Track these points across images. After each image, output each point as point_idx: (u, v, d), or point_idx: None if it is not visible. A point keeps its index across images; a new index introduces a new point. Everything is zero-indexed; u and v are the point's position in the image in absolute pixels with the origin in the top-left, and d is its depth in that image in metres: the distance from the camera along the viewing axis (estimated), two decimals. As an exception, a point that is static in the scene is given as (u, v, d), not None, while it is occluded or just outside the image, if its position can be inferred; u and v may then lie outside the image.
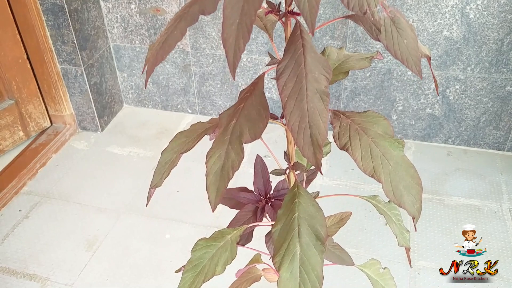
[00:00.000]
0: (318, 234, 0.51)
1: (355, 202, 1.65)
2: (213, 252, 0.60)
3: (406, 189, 0.46)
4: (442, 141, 1.91)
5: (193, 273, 0.61)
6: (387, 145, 0.47)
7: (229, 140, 0.46)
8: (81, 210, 1.66)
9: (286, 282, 0.50)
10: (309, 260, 0.50)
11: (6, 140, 1.89)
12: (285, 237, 0.51)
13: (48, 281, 1.42)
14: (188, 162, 1.86)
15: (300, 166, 0.58)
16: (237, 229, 0.63)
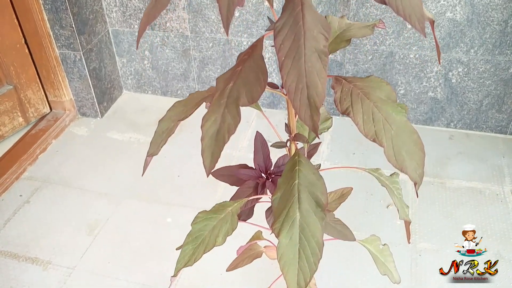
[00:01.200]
0: (318, 201, 0.50)
1: (356, 185, 1.64)
2: (213, 224, 0.60)
3: (408, 154, 0.46)
4: (444, 125, 1.90)
5: (193, 245, 0.60)
6: (390, 109, 0.46)
7: (225, 103, 0.45)
8: (82, 195, 1.66)
9: (286, 248, 0.50)
10: (309, 226, 0.50)
11: (6, 126, 1.88)
12: (285, 204, 0.51)
13: (50, 265, 1.42)
14: (189, 148, 1.86)
15: (301, 137, 0.57)
16: (237, 202, 0.62)
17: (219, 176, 0.80)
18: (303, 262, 0.50)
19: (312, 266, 0.49)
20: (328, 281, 1.34)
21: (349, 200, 1.67)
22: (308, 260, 0.49)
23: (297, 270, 0.50)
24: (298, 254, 0.50)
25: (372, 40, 1.75)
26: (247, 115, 2.02)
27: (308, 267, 0.49)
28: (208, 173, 0.46)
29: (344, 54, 1.82)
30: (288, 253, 0.50)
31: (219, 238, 0.58)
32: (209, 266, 1.40)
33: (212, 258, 1.41)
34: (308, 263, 0.49)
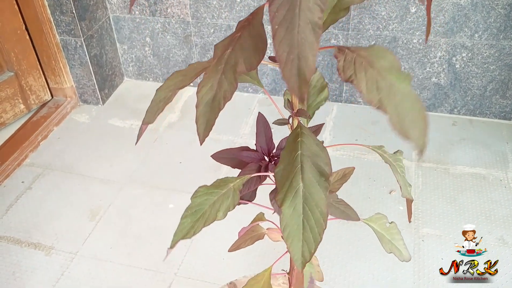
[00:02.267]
0: (322, 171, 0.49)
1: (359, 171, 1.64)
2: (214, 199, 0.59)
3: (412, 123, 0.45)
4: (447, 111, 1.89)
5: (193, 219, 0.60)
6: (394, 78, 0.45)
7: (222, 69, 0.44)
8: (84, 182, 1.66)
9: (289, 218, 0.49)
10: (312, 196, 0.49)
11: (7, 113, 1.88)
12: (287, 175, 0.50)
13: (53, 250, 1.42)
14: (190, 134, 1.85)
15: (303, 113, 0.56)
16: (240, 178, 0.61)
17: (221, 159, 0.80)
18: (307, 233, 0.49)
19: (316, 237, 0.49)
20: (331, 264, 1.34)
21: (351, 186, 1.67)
22: (313, 230, 0.49)
23: (302, 241, 0.49)
24: (302, 225, 0.49)
25: (375, 25, 1.73)
26: (248, 102, 2.01)
27: (313, 237, 0.49)
28: (202, 141, 0.45)
29: (347, 40, 1.80)
30: (292, 223, 0.49)
31: (220, 213, 0.58)
32: (211, 252, 1.40)
33: (214, 244, 1.41)
34: (313, 234, 0.49)
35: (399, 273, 1.32)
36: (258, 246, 1.38)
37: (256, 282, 0.69)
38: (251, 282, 0.69)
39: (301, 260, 0.49)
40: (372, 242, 1.40)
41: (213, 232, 1.45)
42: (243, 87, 2.04)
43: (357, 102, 1.95)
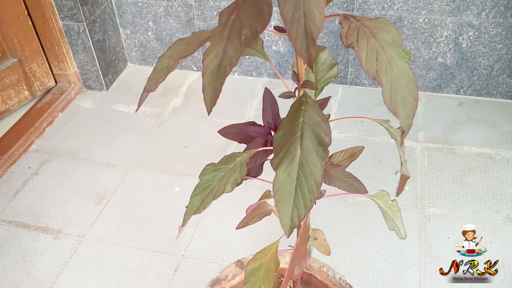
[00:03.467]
0: (321, 140, 0.49)
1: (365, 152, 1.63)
2: (222, 174, 0.59)
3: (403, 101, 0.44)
4: (453, 92, 1.87)
5: (202, 196, 0.60)
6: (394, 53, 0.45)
7: (227, 35, 0.43)
8: (90, 166, 1.66)
9: (283, 182, 0.49)
10: (308, 163, 0.49)
11: (12, 99, 1.88)
12: (286, 141, 0.49)
13: (61, 233, 1.43)
14: (195, 119, 1.85)
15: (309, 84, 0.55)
16: (246, 152, 0.61)
17: (227, 134, 0.79)
18: (298, 199, 0.49)
19: (307, 203, 0.49)
20: (338, 244, 1.35)
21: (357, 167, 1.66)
22: (304, 197, 0.49)
23: (292, 206, 0.49)
24: (295, 191, 0.49)
25: (380, 5, 1.71)
26: (253, 86, 2.00)
27: (304, 203, 0.49)
28: (209, 110, 0.45)
29: (351, 20, 1.78)
30: (284, 188, 0.49)
31: (227, 186, 0.58)
32: (218, 234, 1.40)
33: (220, 226, 1.42)
34: (304, 200, 0.49)
35: (406, 252, 1.32)
36: (265, 228, 1.39)
37: (263, 256, 0.69)
38: (258, 255, 0.69)
39: (289, 225, 0.49)
40: (378, 222, 1.40)
41: (219, 215, 1.45)
42: (247, 71, 2.03)
43: (362, 84, 1.94)
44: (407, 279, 1.26)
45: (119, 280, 1.29)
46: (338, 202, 1.47)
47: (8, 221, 1.48)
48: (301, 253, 0.56)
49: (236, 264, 0.99)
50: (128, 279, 1.29)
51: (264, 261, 0.68)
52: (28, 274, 1.33)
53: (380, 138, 1.70)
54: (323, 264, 0.98)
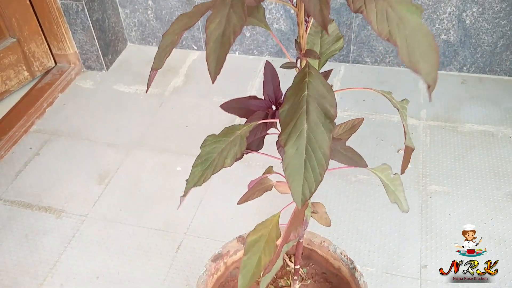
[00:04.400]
0: (327, 112, 0.49)
1: (367, 131, 1.63)
2: (222, 147, 0.59)
3: (422, 56, 0.43)
4: (456, 70, 1.85)
5: (202, 167, 0.60)
6: (404, 10, 0.44)
7: (230, 3, 0.43)
8: (91, 146, 1.66)
9: (292, 158, 0.49)
10: (316, 137, 0.48)
11: (12, 80, 1.87)
12: (292, 116, 0.49)
13: (63, 213, 1.44)
14: (196, 98, 1.84)
15: (312, 53, 0.55)
16: (247, 125, 0.61)
17: (229, 109, 0.79)
18: (308, 173, 0.49)
19: (317, 177, 0.49)
20: (339, 221, 1.35)
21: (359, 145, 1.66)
22: (314, 170, 0.49)
23: (303, 180, 0.49)
24: (304, 165, 0.49)
25: (383, -19, 1.68)
26: (254, 65, 1.99)
27: (314, 177, 0.49)
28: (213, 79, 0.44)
29: (353, -3, 1.76)
30: (294, 163, 0.49)
31: (227, 159, 0.57)
32: (220, 212, 1.41)
33: (222, 205, 1.42)
34: (314, 174, 0.49)
35: (407, 229, 1.32)
36: (267, 207, 1.39)
37: (264, 227, 0.69)
38: (259, 227, 0.69)
39: (301, 198, 0.49)
40: (380, 200, 1.40)
41: (221, 194, 1.45)
42: (248, 50, 2.02)
43: (364, 63, 1.92)
44: (408, 255, 1.27)
45: (122, 258, 1.30)
46: (339, 180, 1.47)
47: (11, 201, 1.48)
48: (299, 219, 0.56)
49: (238, 239, 0.99)
50: (131, 257, 1.30)
51: (265, 232, 0.69)
52: (32, 252, 1.34)
53: (382, 117, 1.69)
54: (324, 239, 0.98)
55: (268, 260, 0.69)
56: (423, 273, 1.22)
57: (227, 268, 0.99)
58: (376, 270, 1.24)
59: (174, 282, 1.24)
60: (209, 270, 0.94)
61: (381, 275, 1.23)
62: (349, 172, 1.49)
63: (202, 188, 1.48)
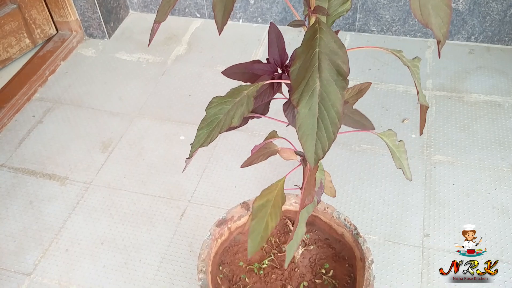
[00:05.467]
0: (339, 69, 0.48)
1: (372, 100, 1.61)
2: (228, 107, 0.58)
3: (434, 9, 0.42)
4: (464, 39, 1.82)
5: (208, 129, 0.59)
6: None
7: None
8: (94, 115, 1.66)
9: (305, 118, 0.48)
10: (329, 96, 0.47)
11: (13, 47, 1.85)
12: (304, 74, 0.48)
13: (67, 180, 1.44)
14: (198, 67, 1.82)
15: (321, 9, 0.53)
16: (254, 85, 0.60)
17: (231, 74, 0.77)
18: (321, 132, 0.48)
19: (330, 135, 0.48)
20: (343, 190, 1.35)
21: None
22: (327, 129, 0.48)
23: (315, 139, 0.48)
24: (317, 124, 0.48)
25: None
26: (258, 33, 1.96)
27: (327, 136, 0.48)
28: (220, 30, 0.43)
29: (360, -37, 1.71)
30: (307, 123, 0.48)
31: (234, 119, 0.57)
32: (223, 181, 1.41)
33: (225, 174, 1.42)
34: (327, 133, 0.48)
35: (410, 198, 1.33)
36: (270, 175, 1.40)
37: (270, 192, 0.69)
38: (265, 192, 0.69)
39: (314, 157, 0.49)
40: (383, 169, 1.40)
41: (225, 163, 1.45)
42: (252, 17, 1.98)
43: (370, 31, 1.89)
44: (411, 224, 1.27)
45: (127, 224, 1.31)
46: (343, 149, 1.46)
47: (15, 168, 1.49)
48: (311, 183, 0.56)
49: (241, 205, 0.99)
50: (136, 223, 1.31)
51: (271, 197, 0.68)
52: (36, 219, 1.35)
53: (388, 86, 1.67)
54: (328, 206, 0.98)
55: (274, 224, 0.70)
56: (425, 241, 1.23)
57: (231, 233, 1.00)
58: (379, 238, 1.25)
59: (178, 248, 1.25)
60: (213, 235, 0.95)
61: (384, 243, 1.24)
62: (353, 142, 1.48)
63: (206, 157, 1.48)
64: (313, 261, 0.97)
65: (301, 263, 0.96)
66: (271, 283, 0.93)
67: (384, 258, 1.20)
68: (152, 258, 1.23)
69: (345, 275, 0.96)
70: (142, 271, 1.21)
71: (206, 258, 0.91)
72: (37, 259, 1.25)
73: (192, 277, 1.18)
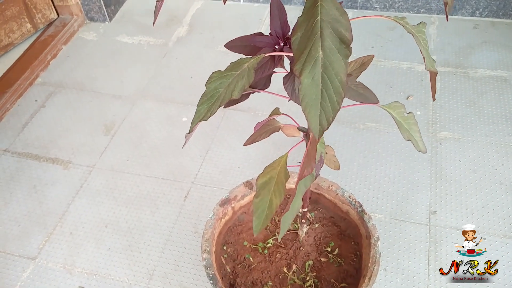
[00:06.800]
0: (342, 37, 0.46)
1: (376, 78, 1.59)
2: (229, 81, 0.56)
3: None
4: (468, 14, 1.78)
5: (208, 104, 0.58)
6: None
7: None
8: (96, 98, 1.65)
9: (308, 88, 0.47)
10: (332, 65, 0.46)
11: (15, 32, 1.84)
12: (306, 44, 0.47)
13: (70, 164, 1.44)
14: (200, 48, 1.80)
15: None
16: (254, 58, 0.58)
17: (233, 48, 0.76)
18: (325, 102, 0.47)
19: (335, 105, 0.47)
20: (348, 169, 1.34)
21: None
22: (331, 99, 0.47)
23: (319, 110, 0.47)
24: (321, 94, 0.47)
25: None
26: (259, 13, 1.93)
27: (331, 106, 0.47)
28: None
29: None
30: (310, 93, 0.47)
31: (235, 92, 0.55)
32: (226, 162, 1.40)
33: (229, 155, 1.41)
34: (331, 103, 0.47)
35: (416, 176, 1.31)
36: (273, 156, 1.39)
37: (273, 169, 0.68)
38: (267, 169, 0.68)
39: (319, 128, 0.47)
40: (388, 147, 1.39)
41: (228, 144, 1.44)
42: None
43: (373, 9, 1.86)
44: (417, 201, 1.26)
45: (130, 207, 1.31)
46: (347, 128, 1.45)
47: (18, 152, 1.49)
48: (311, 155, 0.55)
49: (245, 184, 0.98)
50: (140, 205, 1.31)
51: (274, 174, 0.67)
52: (40, 203, 1.35)
53: (391, 63, 1.64)
54: (332, 183, 0.97)
55: (279, 202, 0.69)
56: (432, 219, 1.22)
57: (235, 213, 1.00)
58: (385, 216, 1.24)
59: (183, 229, 1.25)
60: (217, 214, 0.94)
61: (390, 221, 1.23)
62: (357, 120, 1.46)
63: (209, 138, 1.47)
64: (318, 239, 0.96)
65: (306, 242, 0.96)
66: (276, 262, 0.92)
67: (390, 237, 1.19)
68: (157, 240, 1.23)
69: (351, 253, 0.95)
70: (147, 253, 1.21)
71: (210, 238, 0.91)
72: (41, 243, 1.25)
73: (197, 258, 1.18)
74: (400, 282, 1.11)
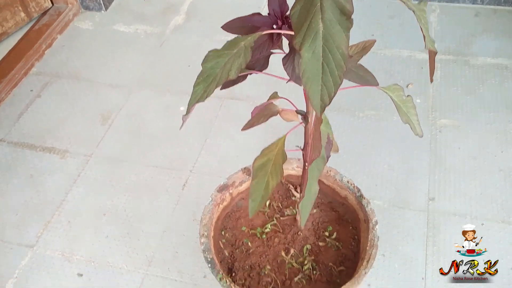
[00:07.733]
0: (343, 8, 0.45)
1: (376, 66, 1.58)
2: (225, 60, 0.55)
3: None
4: (470, 1, 1.77)
5: (205, 84, 0.56)
6: None
7: None
8: (93, 87, 1.63)
9: (309, 63, 0.45)
10: (333, 38, 0.45)
11: (8, 21, 1.81)
12: (305, 16, 0.45)
13: (67, 153, 1.43)
14: (197, 37, 1.78)
15: None
16: (251, 36, 0.57)
17: (230, 28, 0.74)
18: (326, 76, 0.46)
19: (336, 80, 0.45)
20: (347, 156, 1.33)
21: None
22: (333, 73, 0.45)
23: (321, 85, 0.46)
24: (322, 68, 0.45)
25: None
26: (257, 1, 1.91)
27: (333, 80, 0.45)
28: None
29: None
30: (311, 68, 0.45)
31: (232, 72, 0.54)
32: (224, 151, 1.39)
33: (228, 144, 1.40)
34: (333, 77, 0.45)
35: (415, 163, 1.30)
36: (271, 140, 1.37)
37: (270, 151, 0.67)
38: (265, 151, 0.67)
39: (320, 104, 0.46)
40: (387, 134, 1.38)
41: (226, 133, 1.43)
42: (251, -15, 1.93)
43: (372, -4, 1.84)
44: (416, 188, 1.25)
45: (128, 195, 1.30)
46: (347, 115, 1.44)
47: (14, 142, 1.47)
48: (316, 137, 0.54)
49: (243, 171, 0.98)
50: (138, 194, 1.30)
51: (271, 156, 0.66)
52: (38, 192, 1.34)
53: (392, 52, 1.63)
54: (330, 169, 0.96)
55: (275, 183, 0.68)
56: (431, 205, 1.21)
57: (233, 199, 0.99)
58: (383, 203, 1.23)
59: (181, 217, 1.24)
60: (214, 200, 0.94)
61: (388, 208, 1.22)
62: (356, 108, 1.45)
63: (207, 127, 1.46)
64: (316, 224, 0.95)
65: (304, 227, 0.95)
66: (274, 246, 0.92)
67: (389, 223, 1.19)
68: (155, 228, 1.22)
69: (349, 237, 0.94)
70: (145, 241, 1.20)
71: (208, 223, 0.90)
72: (39, 232, 1.24)
73: (195, 245, 1.17)
74: (398, 268, 1.11)
